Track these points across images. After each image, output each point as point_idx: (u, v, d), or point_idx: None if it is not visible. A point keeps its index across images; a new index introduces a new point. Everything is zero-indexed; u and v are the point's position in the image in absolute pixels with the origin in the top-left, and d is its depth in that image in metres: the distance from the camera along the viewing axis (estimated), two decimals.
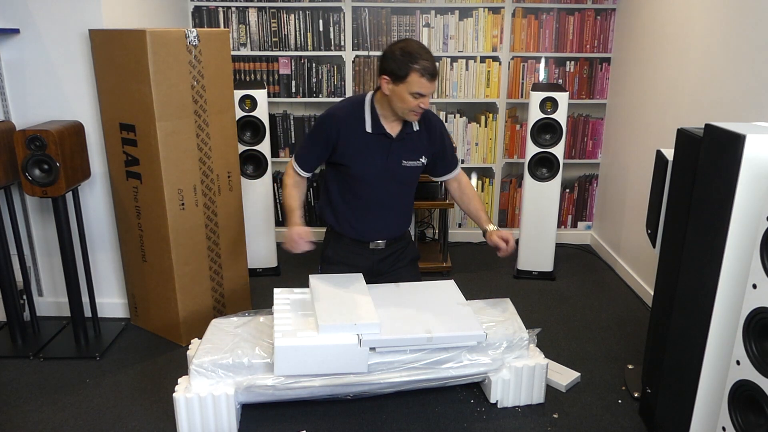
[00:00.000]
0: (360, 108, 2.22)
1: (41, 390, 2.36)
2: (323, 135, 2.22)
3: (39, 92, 2.64)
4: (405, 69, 2.04)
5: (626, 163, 3.54)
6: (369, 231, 2.34)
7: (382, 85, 2.13)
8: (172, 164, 2.49)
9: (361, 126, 2.20)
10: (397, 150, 2.25)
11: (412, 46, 2.06)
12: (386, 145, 2.23)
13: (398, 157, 2.25)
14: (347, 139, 2.20)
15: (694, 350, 1.77)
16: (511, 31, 3.74)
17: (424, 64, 2.03)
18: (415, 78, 2.04)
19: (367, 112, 2.21)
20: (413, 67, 2.03)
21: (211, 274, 2.76)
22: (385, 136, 2.22)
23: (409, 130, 2.25)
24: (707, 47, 2.64)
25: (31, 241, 2.86)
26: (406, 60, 2.04)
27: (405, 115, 2.16)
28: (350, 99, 2.29)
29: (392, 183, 2.28)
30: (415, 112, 2.13)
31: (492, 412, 2.23)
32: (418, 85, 2.05)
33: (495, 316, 2.30)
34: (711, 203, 1.67)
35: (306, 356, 2.01)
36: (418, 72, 2.03)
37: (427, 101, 2.12)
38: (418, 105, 2.10)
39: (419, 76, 2.04)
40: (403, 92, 2.07)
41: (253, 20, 3.72)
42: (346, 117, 2.20)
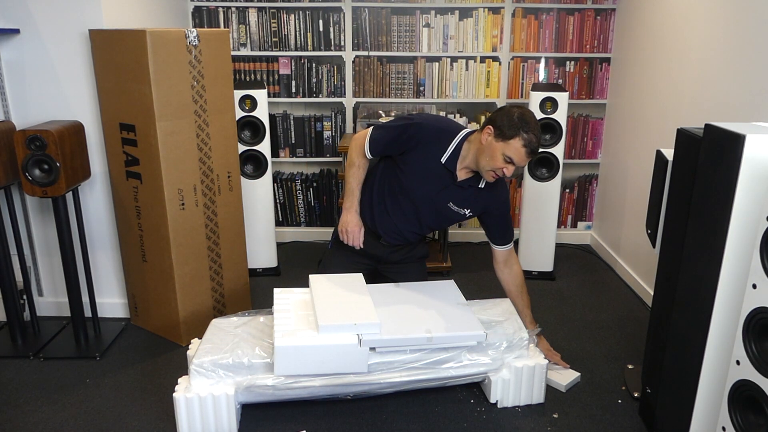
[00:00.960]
0: (449, 138, 2.21)
1: (41, 390, 2.36)
2: (403, 137, 2.22)
3: (39, 92, 2.64)
4: (513, 131, 2.04)
5: (626, 163, 3.54)
6: (385, 231, 2.38)
7: (483, 134, 2.12)
8: (172, 164, 2.49)
9: (439, 153, 2.20)
10: (452, 192, 2.26)
11: (530, 117, 2.09)
12: (446, 183, 2.24)
13: (448, 198, 2.27)
14: (419, 155, 2.21)
15: (694, 350, 1.77)
16: (511, 31, 3.74)
17: (531, 138, 2.05)
18: (517, 144, 2.05)
19: (452, 145, 2.20)
20: (522, 134, 2.04)
21: (211, 274, 2.76)
22: (451, 174, 2.23)
23: (473, 183, 2.25)
24: (707, 47, 2.64)
25: (31, 241, 2.86)
26: (519, 124, 2.05)
27: (484, 172, 2.15)
28: (446, 122, 2.28)
29: (429, 212, 2.31)
30: (495, 174, 2.13)
31: (492, 412, 2.23)
32: (516, 152, 2.05)
33: (495, 316, 2.30)
34: (711, 203, 1.67)
35: (306, 356, 2.01)
36: (523, 141, 2.04)
37: (512, 171, 2.12)
38: (503, 169, 2.10)
39: (522, 145, 2.05)
40: (498, 151, 2.07)
41: (253, 20, 3.72)
42: (432, 136, 2.20)
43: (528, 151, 2.06)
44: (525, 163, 2.10)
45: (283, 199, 4.04)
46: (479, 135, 2.14)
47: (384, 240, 2.41)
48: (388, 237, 2.40)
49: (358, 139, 2.33)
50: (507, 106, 2.14)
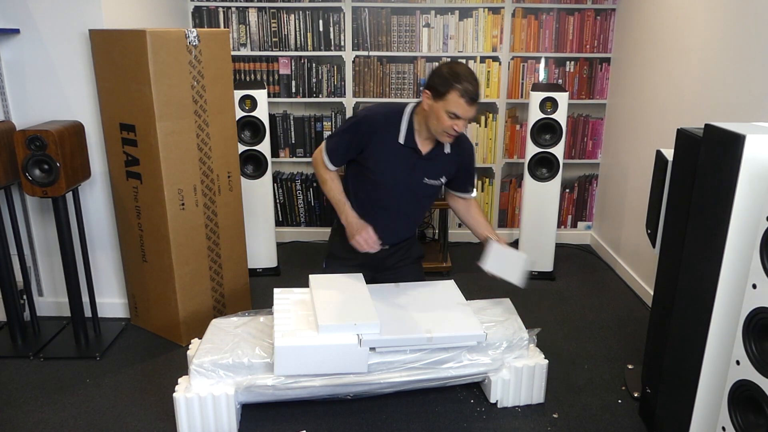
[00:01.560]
0: (398, 117, 2.21)
1: (41, 390, 2.36)
2: (355, 135, 2.22)
3: (39, 92, 2.64)
4: (446, 86, 2.03)
5: (626, 163, 3.54)
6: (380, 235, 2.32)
7: (423, 99, 2.13)
8: (172, 164, 2.49)
9: (394, 136, 2.20)
10: (422, 167, 2.25)
11: (460, 68, 2.07)
12: (413, 161, 2.23)
13: (421, 174, 2.26)
14: (377, 146, 2.20)
15: (694, 350, 1.77)
16: (511, 31, 3.74)
17: (466, 86, 2.03)
18: (454, 97, 2.03)
19: (403, 124, 2.20)
20: (455, 86, 2.02)
21: (211, 274, 2.76)
22: (414, 151, 2.22)
23: (439, 151, 2.25)
24: (707, 47, 2.64)
25: (31, 241, 2.86)
26: (450, 79, 2.04)
27: (438, 135, 2.15)
28: (389, 106, 2.28)
29: (409, 196, 2.30)
30: (448, 133, 2.12)
31: (492, 412, 2.23)
32: (456, 105, 2.04)
33: (495, 316, 2.30)
34: (711, 203, 1.67)
35: (306, 356, 2.01)
36: (458, 92, 2.02)
37: (462, 125, 2.09)
38: (452, 127, 2.08)
39: (458, 96, 2.03)
40: (440, 110, 2.07)
41: (253, 20, 3.72)
42: (381, 123, 2.20)
43: (467, 101, 2.04)
44: (470, 113, 2.07)
45: (283, 199, 4.04)
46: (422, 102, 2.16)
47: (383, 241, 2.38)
48: (385, 239, 2.36)
49: (316, 157, 2.33)
50: (438, 65, 2.14)
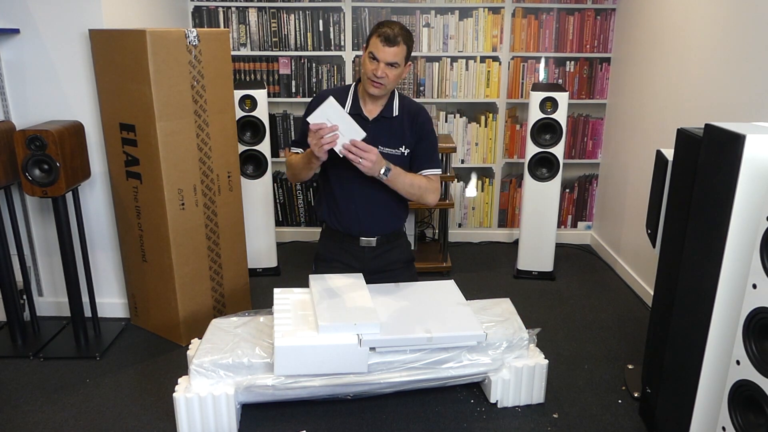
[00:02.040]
0: (345, 90, 2.27)
1: (41, 390, 2.36)
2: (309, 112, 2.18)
3: (39, 92, 2.64)
4: (370, 33, 2.15)
5: (626, 163, 3.54)
6: (355, 223, 2.28)
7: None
8: (172, 164, 2.49)
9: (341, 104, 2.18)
10: (373, 133, 2.17)
11: (388, 20, 2.18)
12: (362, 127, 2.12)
13: (374, 141, 2.16)
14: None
15: (694, 350, 1.77)
16: (511, 31, 3.74)
17: (385, 30, 2.11)
18: (374, 41, 2.12)
19: (350, 95, 2.26)
20: (377, 30, 2.12)
21: (211, 274, 2.76)
22: (360, 117, 2.21)
23: (386, 114, 2.25)
24: (707, 47, 2.64)
25: (31, 241, 2.86)
26: (375, 27, 2.14)
27: (366, 86, 2.18)
28: (340, 86, 2.35)
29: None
30: (371, 80, 2.14)
31: (492, 412, 2.23)
32: (374, 46, 2.12)
33: (495, 316, 2.30)
34: (711, 203, 1.67)
35: (306, 356, 2.01)
36: (377, 35, 2.12)
37: (382, 69, 2.11)
38: (373, 71, 2.12)
39: (376, 38, 2.11)
40: (365, 57, 2.15)
41: (253, 20, 3.72)
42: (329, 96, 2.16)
43: (384, 41, 2.09)
44: (389, 55, 2.09)
45: (283, 199, 4.04)
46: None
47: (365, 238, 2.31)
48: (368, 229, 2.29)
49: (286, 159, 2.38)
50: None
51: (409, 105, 2.30)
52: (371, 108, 2.25)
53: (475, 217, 4.09)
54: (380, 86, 2.15)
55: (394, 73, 2.13)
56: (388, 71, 2.12)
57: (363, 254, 2.35)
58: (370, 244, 2.33)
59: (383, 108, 2.25)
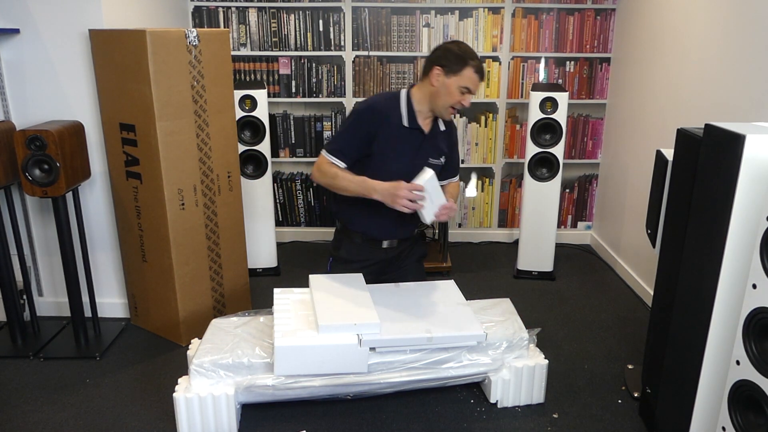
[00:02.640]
0: (396, 102, 2.24)
1: (41, 390, 2.36)
2: (363, 126, 2.19)
3: (39, 92, 2.64)
4: (461, 63, 2.13)
5: (626, 163, 3.54)
6: (384, 230, 2.33)
7: (432, 76, 2.17)
8: (172, 164, 2.49)
9: (398, 119, 2.22)
10: (427, 147, 2.28)
11: (468, 47, 2.19)
12: (418, 141, 2.25)
13: (426, 154, 2.28)
14: (384, 132, 2.20)
15: (694, 350, 1.77)
16: (511, 31, 3.74)
17: (478, 63, 2.15)
18: (468, 73, 2.13)
19: (403, 107, 2.23)
20: (469, 62, 2.13)
21: (211, 274, 2.76)
22: (419, 132, 2.25)
23: (436, 128, 2.30)
24: (707, 47, 2.64)
25: (31, 241, 2.86)
26: (464, 56, 2.14)
27: (442, 111, 2.21)
28: (384, 94, 2.33)
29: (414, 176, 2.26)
30: (454, 108, 2.19)
31: (492, 412, 2.23)
32: (470, 80, 2.14)
33: (495, 316, 2.30)
34: (711, 203, 1.67)
35: (306, 356, 2.01)
36: (473, 68, 2.13)
37: (469, 101, 2.18)
38: (461, 102, 2.16)
39: (473, 72, 2.14)
40: (453, 85, 2.14)
41: (253, 20, 3.72)
42: (384, 109, 2.21)
43: (480, 76, 2.16)
44: (477, 88, 2.20)
45: (283, 199, 4.04)
46: (426, 80, 2.20)
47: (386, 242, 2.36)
48: (394, 235, 2.35)
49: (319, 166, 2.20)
50: (443, 45, 2.21)
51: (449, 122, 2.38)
52: (425, 122, 2.27)
53: (475, 217, 4.09)
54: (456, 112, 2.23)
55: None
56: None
57: (384, 255, 2.40)
58: (392, 245, 2.39)
59: (432, 123, 2.29)
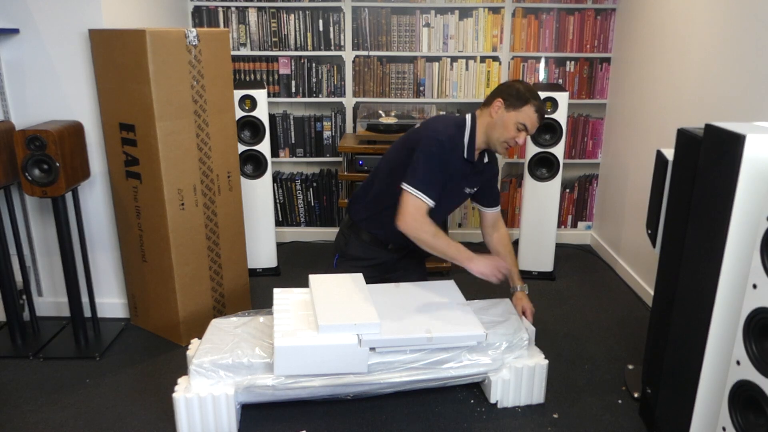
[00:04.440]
0: (461, 132, 2.21)
1: (41, 390, 2.36)
2: (445, 160, 2.15)
3: (39, 92, 2.64)
4: (523, 100, 2.13)
5: (626, 163, 3.54)
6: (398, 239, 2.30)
7: (492, 108, 2.17)
8: (172, 164, 2.49)
9: (461, 150, 2.22)
10: (468, 177, 2.30)
11: (533, 88, 2.20)
12: (467, 172, 2.27)
13: (465, 184, 2.31)
14: (453, 163, 2.21)
15: (694, 350, 1.77)
16: (511, 31, 3.74)
17: (540, 104, 2.15)
18: (529, 110, 2.13)
19: (466, 137, 2.22)
20: (532, 101, 2.13)
21: (211, 274, 2.76)
22: (470, 164, 2.26)
23: (481, 160, 2.31)
24: (707, 47, 2.64)
25: (31, 241, 2.86)
26: (527, 94, 2.14)
27: (497, 145, 2.20)
28: (451, 120, 2.23)
29: (449, 204, 2.34)
30: (508, 144, 2.18)
31: (492, 412, 2.23)
32: (528, 119, 2.14)
33: (495, 316, 2.30)
34: (711, 203, 1.67)
35: (306, 356, 2.01)
36: (534, 107, 2.13)
37: (523, 139, 2.18)
38: (515, 138, 2.15)
39: (534, 111, 2.13)
40: (510, 120, 2.13)
41: (253, 20, 3.72)
42: (455, 141, 2.19)
43: (539, 116, 2.15)
44: (535, 128, 2.18)
45: (283, 199, 4.04)
46: (486, 110, 2.20)
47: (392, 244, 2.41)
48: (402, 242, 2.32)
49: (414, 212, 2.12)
50: (509, 81, 2.24)
51: (491, 154, 2.38)
52: (476, 152, 2.28)
53: (475, 217, 4.09)
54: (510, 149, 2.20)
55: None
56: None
57: (390, 255, 2.45)
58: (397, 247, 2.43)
59: (480, 155, 2.30)
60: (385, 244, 2.42)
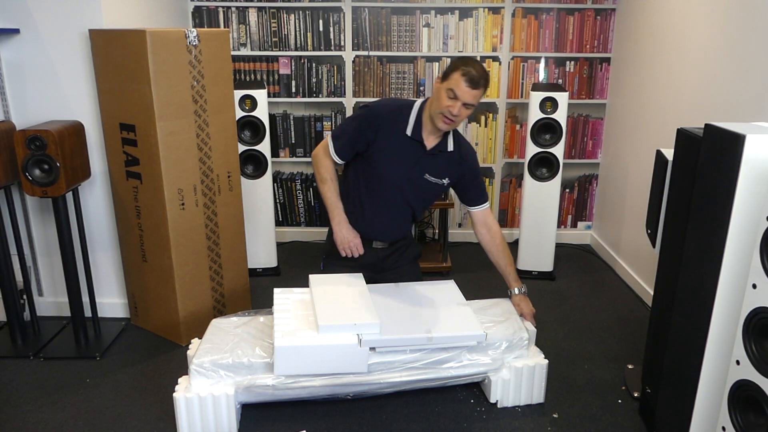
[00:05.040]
0: (407, 111, 2.26)
1: (41, 390, 2.36)
2: (364, 126, 2.25)
3: (39, 92, 2.64)
4: (453, 68, 2.13)
5: (626, 163, 3.54)
6: (373, 231, 2.38)
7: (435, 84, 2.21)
8: (172, 164, 2.49)
9: (403, 128, 2.25)
10: (425, 163, 2.29)
11: (473, 59, 2.18)
12: (417, 155, 2.27)
13: (423, 170, 2.29)
14: (385, 137, 2.24)
15: (694, 350, 1.77)
16: (511, 31, 3.74)
17: (469, 70, 2.10)
18: (456, 76, 2.11)
19: (412, 116, 2.25)
20: (460, 67, 2.11)
21: (211, 274, 2.76)
22: (420, 145, 2.26)
23: (442, 147, 2.29)
24: (707, 47, 2.64)
25: (31, 241, 2.86)
26: (459, 62, 2.14)
27: (435, 118, 2.18)
28: (399, 101, 2.33)
29: (410, 192, 2.32)
30: (443, 114, 2.15)
31: (492, 412, 2.23)
32: (456, 84, 2.10)
33: (495, 316, 2.30)
34: (711, 203, 1.67)
35: (306, 356, 2.01)
36: (461, 72, 2.10)
37: (458, 109, 2.12)
38: (449, 108, 2.12)
39: (460, 76, 2.10)
40: (442, 89, 2.14)
41: (253, 20, 3.72)
42: (389, 117, 2.25)
43: (467, 80, 2.09)
44: (469, 96, 2.11)
45: (283, 199, 4.04)
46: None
47: (378, 242, 2.40)
48: (383, 236, 2.39)
49: (318, 153, 2.34)
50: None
51: (462, 143, 2.36)
52: (429, 138, 2.28)
53: None
54: (451, 123, 2.19)
55: (467, 113, 2.16)
56: (463, 111, 2.15)
57: (375, 254, 2.42)
58: (382, 246, 2.42)
59: (440, 141, 2.29)
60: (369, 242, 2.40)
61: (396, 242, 2.44)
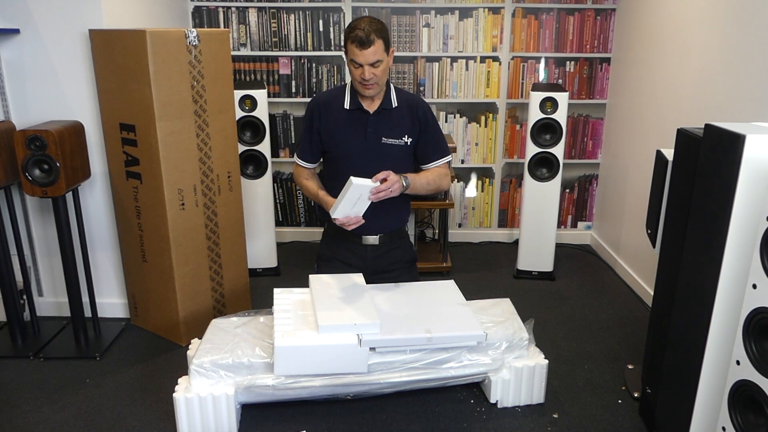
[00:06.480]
0: (342, 90, 2.32)
1: (41, 390, 2.36)
2: (308, 120, 2.33)
3: (39, 92, 2.64)
4: (345, 40, 2.15)
5: (626, 163, 3.54)
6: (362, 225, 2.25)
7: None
8: (172, 164, 2.49)
9: (340, 104, 2.28)
10: (375, 125, 2.27)
11: (356, 19, 2.16)
12: (363, 121, 2.28)
13: (377, 133, 2.27)
14: (327, 119, 2.29)
15: (694, 350, 1.77)
16: (511, 31, 3.74)
17: (356, 34, 2.09)
18: (349, 46, 2.13)
19: (347, 92, 2.29)
20: (349, 36, 2.12)
21: (211, 274, 2.76)
22: (362, 111, 2.27)
23: (386, 106, 2.29)
24: (707, 47, 2.64)
25: (31, 241, 2.86)
26: (346, 32, 2.15)
27: (359, 90, 2.22)
28: (337, 86, 2.39)
29: (375, 163, 2.20)
30: (362, 84, 2.17)
31: (492, 412, 2.23)
32: (352, 52, 2.13)
33: (495, 316, 2.30)
34: (711, 203, 1.67)
35: (306, 356, 2.01)
36: (350, 40, 2.12)
37: (367, 72, 2.12)
38: (361, 76, 2.14)
39: (350, 43, 2.11)
40: (349, 64, 2.18)
41: (253, 20, 3.72)
42: (326, 98, 2.31)
43: (358, 45, 2.08)
44: (368, 56, 2.10)
45: (283, 199, 4.04)
46: None
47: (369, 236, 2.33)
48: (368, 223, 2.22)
49: (294, 171, 2.47)
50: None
51: (406, 97, 2.35)
52: (370, 102, 2.29)
53: (475, 217, 4.09)
54: (372, 86, 2.19)
55: (380, 69, 2.16)
56: (375, 70, 2.14)
57: (365, 253, 2.38)
58: (372, 242, 2.36)
59: (382, 101, 2.29)
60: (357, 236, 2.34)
61: (388, 240, 2.38)
